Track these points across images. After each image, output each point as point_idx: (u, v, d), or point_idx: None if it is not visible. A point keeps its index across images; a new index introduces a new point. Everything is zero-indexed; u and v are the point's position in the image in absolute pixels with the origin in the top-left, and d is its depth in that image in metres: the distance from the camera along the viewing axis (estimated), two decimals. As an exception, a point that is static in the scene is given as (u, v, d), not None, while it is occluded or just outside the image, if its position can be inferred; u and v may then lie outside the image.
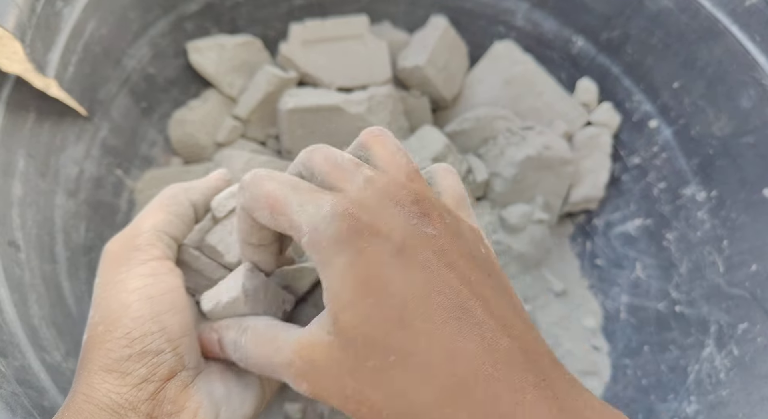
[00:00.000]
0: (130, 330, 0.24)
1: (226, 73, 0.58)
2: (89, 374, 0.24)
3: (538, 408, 0.20)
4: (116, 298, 0.25)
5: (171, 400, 0.24)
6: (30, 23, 0.40)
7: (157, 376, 0.24)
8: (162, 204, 0.29)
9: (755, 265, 0.45)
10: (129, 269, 0.26)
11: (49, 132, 0.45)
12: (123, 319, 0.25)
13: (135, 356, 0.24)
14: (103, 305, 0.26)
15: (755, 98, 0.46)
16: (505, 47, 0.62)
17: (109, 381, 0.24)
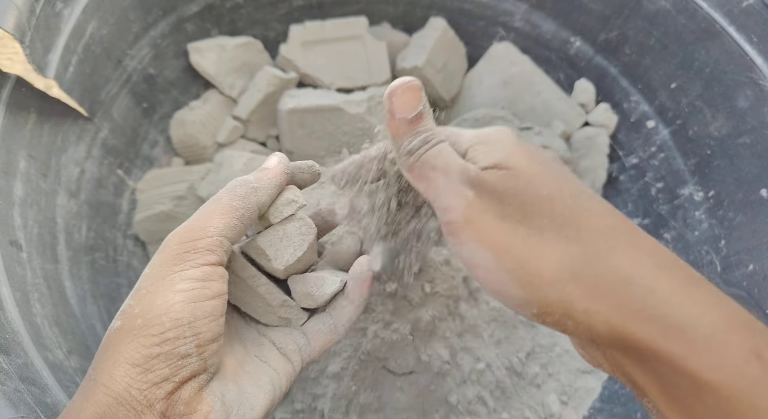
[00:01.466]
0: (165, 331, 0.24)
1: (226, 74, 0.59)
2: (114, 365, 0.24)
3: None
4: (162, 295, 0.25)
5: (185, 401, 0.25)
6: (29, 24, 0.40)
7: (178, 378, 0.25)
8: (232, 207, 0.28)
9: (752, 265, 0.45)
10: (182, 269, 0.26)
11: (50, 133, 0.45)
12: (162, 318, 0.25)
13: (163, 355, 0.24)
14: (147, 299, 0.25)
15: (752, 99, 0.46)
16: (504, 48, 0.62)
17: (131, 376, 0.24)
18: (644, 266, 0.22)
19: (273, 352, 0.31)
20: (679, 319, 0.20)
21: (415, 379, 0.46)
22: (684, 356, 0.20)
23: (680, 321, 0.20)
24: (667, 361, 0.20)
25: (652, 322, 0.20)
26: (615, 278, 0.21)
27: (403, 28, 0.67)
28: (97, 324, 0.46)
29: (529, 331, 0.52)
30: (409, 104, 0.27)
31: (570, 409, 0.51)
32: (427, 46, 0.59)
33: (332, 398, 0.45)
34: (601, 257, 0.22)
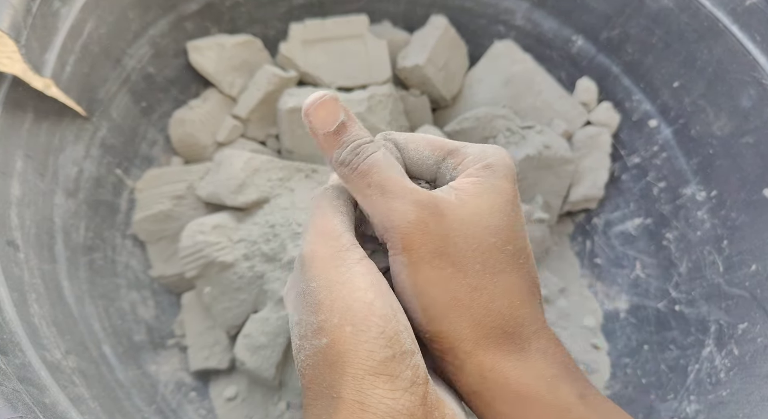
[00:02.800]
0: (383, 329, 0.22)
1: (226, 73, 0.58)
2: (355, 380, 0.22)
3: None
4: (352, 297, 0.23)
5: (435, 406, 0.23)
6: (25, 23, 0.40)
7: (421, 379, 0.22)
8: (332, 206, 0.27)
9: (755, 265, 0.45)
10: (348, 269, 0.24)
11: (48, 132, 0.45)
12: (371, 317, 0.23)
13: (398, 357, 0.22)
14: (338, 306, 0.23)
15: (755, 98, 0.46)
16: (505, 47, 0.62)
17: (380, 386, 0.21)
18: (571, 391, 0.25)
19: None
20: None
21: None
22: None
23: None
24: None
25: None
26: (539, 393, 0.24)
27: (404, 26, 0.66)
28: (95, 324, 0.46)
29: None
30: (327, 118, 0.26)
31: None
32: (428, 44, 0.59)
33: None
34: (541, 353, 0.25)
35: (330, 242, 0.26)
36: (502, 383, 0.24)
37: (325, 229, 0.26)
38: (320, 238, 0.26)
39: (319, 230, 0.26)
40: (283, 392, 0.48)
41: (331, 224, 0.26)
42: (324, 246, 0.26)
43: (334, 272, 0.24)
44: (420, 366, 0.23)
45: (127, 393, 0.45)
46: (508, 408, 0.24)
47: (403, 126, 0.59)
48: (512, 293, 0.25)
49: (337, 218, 0.27)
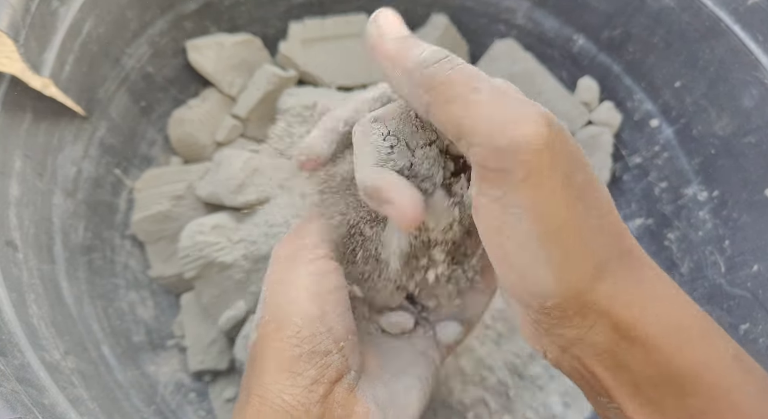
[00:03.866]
0: (300, 329, 0.24)
1: (225, 72, 0.58)
2: (261, 374, 0.24)
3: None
4: (286, 296, 0.25)
5: (340, 404, 0.24)
6: (24, 22, 0.40)
7: (326, 378, 0.24)
8: (319, 211, 0.29)
9: (757, 265, 0.45)
10: (297, 267, 0.26)
11: (46, 132, 0.45)
12: (293, 317, 0.24)
13: (305, 356, 0.24)
14: (273, 303, 0.25)
15: (757, 98, 0.46)
16: (506, 46, 0.62)
17: (281, 382, 0.23)
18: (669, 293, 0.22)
19: (407, 350, 0.31)
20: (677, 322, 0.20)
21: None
22: (678, 351, 0.20)
23: (677, 323, 0.20)
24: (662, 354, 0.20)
25: (653, 322, 0.20)
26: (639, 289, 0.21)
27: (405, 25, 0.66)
28: (94, 325, 0.46)
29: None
30: (398, 24, 0.22)
31: (572, 411, 0.51)
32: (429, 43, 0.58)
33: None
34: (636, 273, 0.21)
35: (295, 241, 0.27)
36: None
37: (297, 230, 0.28)
38: (289, 238, 0.28)
39: (293, 231, 0.28)
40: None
41: (306, 226, 0.28)
42: (287, 245, 0.27)
43: (284, 269, 0.26)
44: (331, 366, 0.24)
45: (126, 394, 0.45)
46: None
47: (404, 126, 0.59)
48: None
49: (315, 222, 0.28)
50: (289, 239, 0.28)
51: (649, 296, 0.20)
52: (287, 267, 0.26)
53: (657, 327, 0.20)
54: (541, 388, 0.51)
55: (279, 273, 0.26)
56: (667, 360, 0.19)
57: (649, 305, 0.20)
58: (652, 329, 0.20)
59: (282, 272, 0.26)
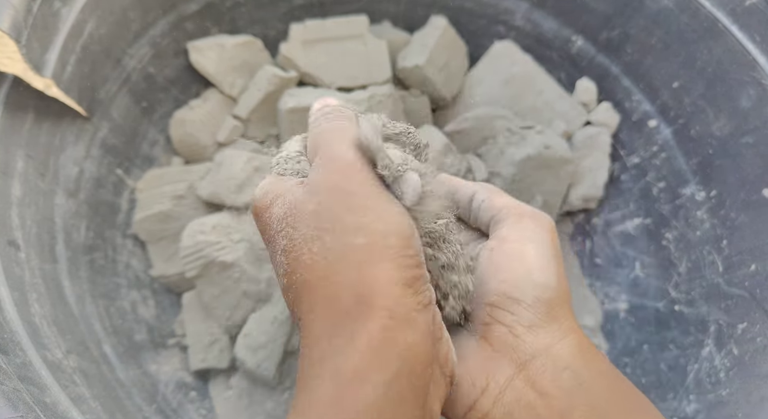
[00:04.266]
0: (417, 253, 0.23)
1: (226, 73, 0.58)
2: (386, 285, 0.22)
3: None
4: (397, 219, 0.24)
5: (439, 326, 0.24)
6: (26, 23, 0.40)
7: (431, 302, 0.24)
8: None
9: (754, 265, 0.45)
10: (388, 197, 0.25)
11: (48, 132, 0.45)
12: (412, 241, 0.23)
13: (423, 278, 0.23)
14: (385, 218, 0.23)
15: (755, 98, 0.46)
16: (505, 47, 0.62)
17: (408, 297, 0.22)
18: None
19: None
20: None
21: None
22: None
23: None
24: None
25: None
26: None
27: (404, 26, 0.66)
28: (96, 324, 0.46)
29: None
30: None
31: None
32: (429, 44, 0.59)
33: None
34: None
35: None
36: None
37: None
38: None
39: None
40: (282, 387, 0.48)
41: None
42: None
43: (376, 189, 0.24)
44: (429, 291, 0.24)
45: (127, 393, 0.45)
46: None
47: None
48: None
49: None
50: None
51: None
52: (375, 189, 0.24)
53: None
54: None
55: (372, 190, 0.24)
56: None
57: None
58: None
59: (375, 191, 0.24)
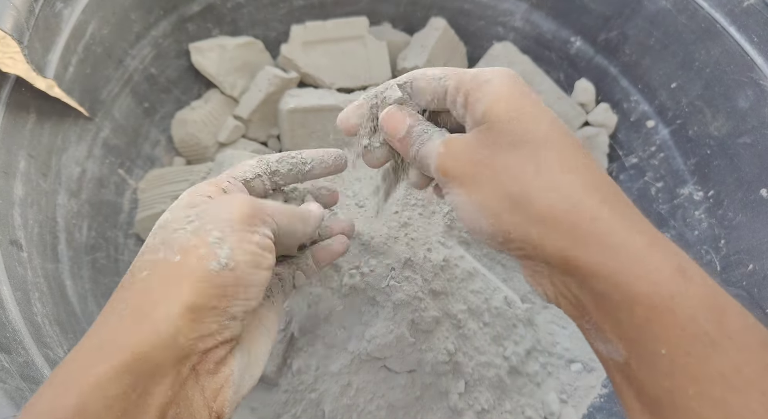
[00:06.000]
0: (228, 286, 0.25)
1: (227, 74, 0.59)
2: (170, 304, 0.23)
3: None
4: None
5: (215, 361, 0.25)
6: (28, 24, 0.41)
7: (221, 337, 0.25)
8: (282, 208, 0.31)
9: (752, 264, 0.45)
10: (250, 232, 0.26)
11: (50, 132, 0.45)
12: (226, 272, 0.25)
13: (218, 310, 0.24)
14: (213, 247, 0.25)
15: (753, 99, 0.46)
16: (504, 48, 0.62)
17: (184, 322, 0.23)
18: (591, 199, 0.24)
19: (271, 313, 0.32)
20: (614, 242, 0.23)
21: (415, 378, 0.46)
22: (617, 271, 0.22)
23: (615, 243, 0.23)
24: (603, 277, 0.23)
25: (591, 244, 0.23)
26: (564, 209, 0.24)
27: (404, 28, 0.67)
28: (97, 323, 0.46)
29: (528, 330, 0.52)
30: (396, 127, 0.31)
31: (570, 408, 0.51)
32: (428, 46, 0.59)
33: (333, 398, 0.46)
34: (555, 190, 0.24)
35: (254, 205, 0.28)
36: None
37: (256, 203, 0.29)
38: (249, 200, 0.28)
39: (250, 199, 0.29)
40: (282, 387, 0.49)
41: (263, 205, 0.29)
42: (247, 204, 0.28)
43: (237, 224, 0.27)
44: (229, 329, 0.25)
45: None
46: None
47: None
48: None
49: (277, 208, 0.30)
50: (250, 201, 0.28)
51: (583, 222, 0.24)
52: (242, 224, 0.26)
53: (595, 251, 0.23)
54: (538, 385, 0.51)
55: (232, 224, 0.26)
56: (613, 280, 0.23)
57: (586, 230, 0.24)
58: (591, 253, 0.23)
59: (235, 224, 0.26)
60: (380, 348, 0.44)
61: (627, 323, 0.22)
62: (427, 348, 0.45)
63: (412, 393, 0.46)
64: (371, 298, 0.44)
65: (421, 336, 0.45)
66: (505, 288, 0.53)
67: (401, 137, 0.30)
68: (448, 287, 0.47)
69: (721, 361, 0.20)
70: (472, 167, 0.26)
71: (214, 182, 0.30)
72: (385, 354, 0.45)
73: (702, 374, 0.21)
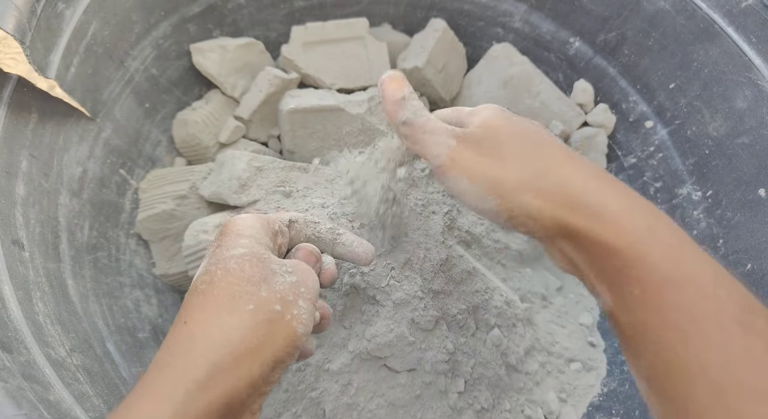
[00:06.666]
0: (297, 348, 0.28)
1: (228, 75, 0.59)
2: (266, 352, 0.26)
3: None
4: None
5: (260, 403, 0.28)
6: (30, 25, 0.41)
7: (276, 383, 0.28)
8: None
9: (750, 264, 0.45)
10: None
11: (52, 133, 0.46)
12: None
13: (285, 366, 0.28)
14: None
15: (750, 99, 0.46)
16: (503, 49, 0.63)
17: (268, 371, 0.26)
18: (580, 176, 0.30)
19: None
20: (598, 207, 0.28)
21: (415, 377, 0.46)
22: (600, 231, 0.28)
23: (598, 208, 0.28)
24: (590, 237, 0.28)
25: (580, 211, 0.28)
26: (557, 184, 0.29)
27: (404, 29, 0.67)
28: (99, 322, 0.46)
29: (528, 329, 0.52)
30: (396, 89, 0.34)
31: (569, 407, 0.51)
32: (428, 46, 0.59)
33: (333, 397, 0.46)
34: (551, 172, 0.30)
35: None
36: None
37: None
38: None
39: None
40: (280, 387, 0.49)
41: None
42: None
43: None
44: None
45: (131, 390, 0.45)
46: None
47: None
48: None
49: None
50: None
51: (573, 194, 0.29)
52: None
53: (583, 216, 0.28)
54: (538, 384, 0.51)
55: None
56: (597, 239, 0.28)
57: (576, 201, 0.29)
58: (579, 219, 0.28)
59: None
60: (380, 347, 0.44)
61: (609, 271, 0.28)
62: (426, 347, 0.45)
63: (412, 391, 0.46)
64: (371, 297, 0.45)
65: (420, 335, 0.45)
66: (505, 288, 0.53)
67: (396, 100, 0.34)
68: (448, 286, 0.47)
69: (680, 296, 0.26)
70: (476, 163, 0.31)
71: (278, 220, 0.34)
72: (385, 353, 0.45)
73: (664, 306, 0.26)
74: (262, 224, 0.32)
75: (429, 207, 0.50)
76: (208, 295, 0.27)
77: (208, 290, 0.27)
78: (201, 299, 0.27)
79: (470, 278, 0.49)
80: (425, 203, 0.50)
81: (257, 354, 0.26)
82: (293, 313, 0.28)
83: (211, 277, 0.28)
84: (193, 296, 0.27)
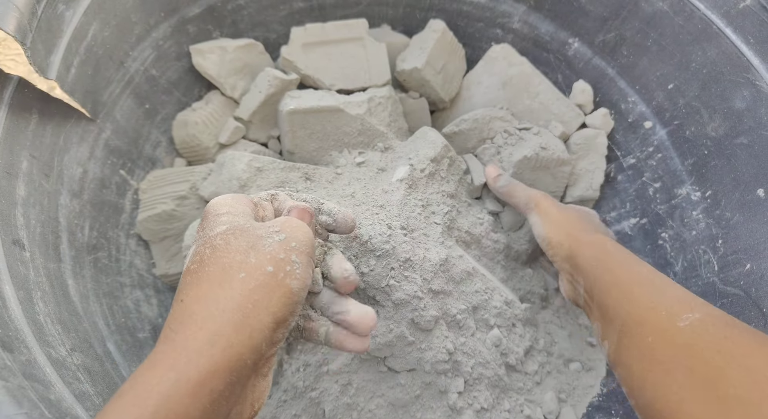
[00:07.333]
0: (296, 305, 0.29)
1: (228, 76, 0.59)
2: (263, 312, 0.27)
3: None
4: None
5: (269, 365, 0.29)
6: (30, 26, 0.41)
7: (279, 346, 0.29)
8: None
9: (749, 264, 0.45)
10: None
11: (53, 133, 0.46)
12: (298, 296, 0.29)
13: (287, 324, 0.28)
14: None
15: (749, 99, 0.46)
16: (502, 50, 0.63)
17: (270, 332, 0.27)
18: (574, 230, 0.48)
19: None
20: (583, 238, 0.46)
21: (414, 377, 0.47)
22: (581, 250, 0.45)
23: (583, 238, 0.47)
24: (574, 256, 0.45)
25: (574, 245, 0.46)
26: (560, 239, 0.47)
27: (403, 30, 0.67)
28: (99, 322, 0.47)
29: (527, 329, 0.53)
30: (495, 170, 0.57)
31: (568, 407, 0.51)
32: (427, 47, 0.59)
33: (333, 397, 0.46)
34: (557, 232, 0.48)
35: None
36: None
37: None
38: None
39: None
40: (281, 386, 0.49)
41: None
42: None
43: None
44: (285, 338, 0.30)
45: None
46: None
47: (402, 128, 0.60)
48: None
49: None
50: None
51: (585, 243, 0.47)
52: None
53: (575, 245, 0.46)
54: (537, 384, 0.52)
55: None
56: (578, 253, 0.45)
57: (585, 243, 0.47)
58: (574, 247, 0.47)
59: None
60: (380, 347, 0.45)
61: (583, 265, 0.43)
62: (426, 347, 0.45)
63: (412, 392, 0.46)
64: (371, 297, 0.45)
65: (420, 335, 0.45)
66: (504, 288, 0.53)
67: (496, 176, 0.55)
68: (448, 286, 0.47)
69: (636, 270, 0.39)
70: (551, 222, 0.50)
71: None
72: (385, 353, 0.45)
73: (623, 279, 0.39)
74: (238, 200, 0.32)
75: (429, 207, 0.50)
76: (200, 273, 0.28)
77: (200, 269, 0.28)
78: (195, 277, 0.28)
79: (470, 278, 0.49)
80: (425, 203, 0.50)
81: (255, 319, 0.26)
82: (286, 270, 0.28)
83: (200, 257, 0.28)
84: (187, 276, 0.28)
